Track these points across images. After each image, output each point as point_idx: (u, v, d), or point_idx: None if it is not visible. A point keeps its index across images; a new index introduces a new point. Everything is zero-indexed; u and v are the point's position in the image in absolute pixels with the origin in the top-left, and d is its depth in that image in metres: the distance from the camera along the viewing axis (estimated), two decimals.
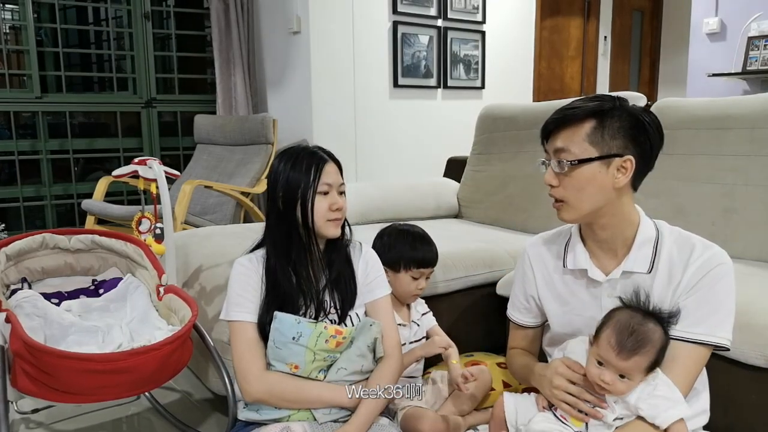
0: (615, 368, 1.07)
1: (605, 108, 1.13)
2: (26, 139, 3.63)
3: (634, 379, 1.07)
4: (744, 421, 1.37)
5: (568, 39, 5.26)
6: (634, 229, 1.19)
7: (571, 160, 1.13)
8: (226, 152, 3.68)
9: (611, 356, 1.06)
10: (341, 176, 1.33)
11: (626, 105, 1.15)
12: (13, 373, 1.33)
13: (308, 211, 1.26)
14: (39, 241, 1.68)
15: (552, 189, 1.18)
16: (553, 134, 1.17)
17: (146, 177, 1.66)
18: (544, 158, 1.20)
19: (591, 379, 1.10)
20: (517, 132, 2.58)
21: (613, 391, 1.08)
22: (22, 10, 3.46)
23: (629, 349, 1.05)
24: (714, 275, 1.12)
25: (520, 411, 1.22)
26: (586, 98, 1.19)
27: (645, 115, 1.14)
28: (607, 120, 1.12)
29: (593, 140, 1.12)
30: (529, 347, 1.42)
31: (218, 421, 1.85)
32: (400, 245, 1.58)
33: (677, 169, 2.01)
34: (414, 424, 1.39)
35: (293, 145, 1.42)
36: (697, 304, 1.12)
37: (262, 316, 1.27)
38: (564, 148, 1.14)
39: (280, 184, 1.28)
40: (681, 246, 1.17)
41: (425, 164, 4.00)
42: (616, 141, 1.12)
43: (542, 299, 1.33)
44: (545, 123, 1.19)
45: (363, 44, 3.82)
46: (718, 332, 1.11)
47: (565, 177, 1.15)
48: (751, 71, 4.14)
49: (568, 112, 1.15)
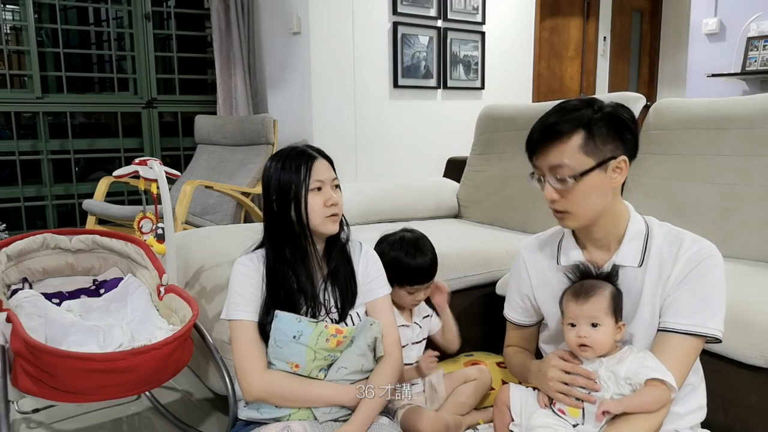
0: (582, 317, 1.14)
1: (589, 116, 1.13)
2: (27, 140, 3.63)
3: (605, 323, 1.13)
4: (744, 421, 1.38)
5: (567, 39, 5.26)
6: (625, 224, 1.21)
7: (572, 175, 1.12)
8: (226, 152, 3.68)
9: (573, 308, 1.16)
10: (334, 171, 1.32)
11: (603, 106, 1.15)
12: (13, 373, 1.33)
13: (303, 211, 1.26)
14: (40, 242, 1.69)
15: (554, 203, 1.18)
16: (542, 151, 1.15)
17: (147, 177, 1.67)
18: (536, 173, 1.19)
19: (570, 343, 1.17)
20: (516, 132, 2.58)
21: (593, 344, 1.13)
22: (23, 10, 3.46)
23: (584, 294, 1.16)
24: (703, 267, 1.13)
25: (524, 404, 1.24)
26: (562, 109, 1.16)
27: (622, 111, 1.16)
28: (594, 127, 1.12)
29: (587, 150, 1.12)
30: (525, 345, 1.44)
31: (219, 420, 1.86)
32: (396, 264, 1.52)
33: (677, 169, 2.01)
34: (413, 423, 1.39)
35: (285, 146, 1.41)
36: (687, 296, 1.13)
37: (263, 316, 1.27)
38: (560, 164, 1.13)
39: (272, 187, 1.28)
40: (671, 240, 1.18)
41: (425, 164, 4.01)
42: (608, 145, 1.13)
43: (538, 298, 1.34)
44: (530, 140, 1.18)
45: (363, 45, 3.82)
46: (708, 323, 1.12)
47: (567, 190, 1.14)
48: (751, 71, 4.14)
49: (554, 128, 1.13)
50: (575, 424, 1.15)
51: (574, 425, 1.15)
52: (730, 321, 1.20)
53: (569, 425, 1.15)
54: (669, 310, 1.14)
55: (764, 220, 1.80)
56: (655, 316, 1.17)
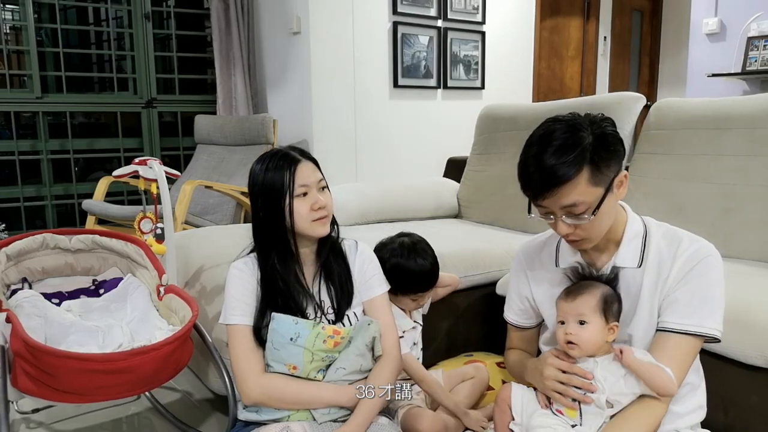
0: (570, 315, 1.15)
1: (589, 148, 1.08)
2: (27, 140, 3.63)
3: (592, 322, 1.14)
4: (744, 421, 1.38)
5: (567, 39, 5.26)
6: (623, 225, 1.21)
7: (589, 210, 1.09)
8: (226, 152, 3.68)
9: (563, 305, 1.17)
10: (320, 172, 1.30)
11: (595, 129, 1.11)
12: (13, 373, 1.33)
13: (289, 217, 1.24)
14: (39, 241, 1.68)
15: (568, 236, 1.14)
16: (548, 195, 1.10)
17: (147, 177, 1.67)
18: (540, 213, 1.15)
19: (559, 340, 1.17)
20: (517, 132, 2.58)
21: (579, 342, 1.13)
22: (23, 10, 3.46)
23: (574, 293, 1.17)
24: (702, 267, 1.13)
25: (525, 403, 1.23)
26: (557, 148, 1.08)
27: (608, 126, 1.13)
28: (595, 156, 1.09)
29: (596, 181, 1.09)
30: (526, 348, 1.43)
31: (218, 420, 1.86)
32: (397, 271, 1.51)
33: (677, 169, 2.01)
34: (413, 423, 1.39)
35: (269, 149, 1.38)
36: (685, 296, 1.13)
37: (257, 320, 1.27)
38: (576, 203, 1.09)
39: (257, 193, 1.27)
40: (669, 240, 1.18)
41: (425, 164, 4.01)
42: (610, 167, 1.11)
43: (537, 300, 1.34)
44: (530, 184, 1.11)
45: (363, 44, 3.82)
46: (707, 323, 1.11)
47: (583, 224, 1.12)
48: (751, 71, 4.14)
49: (558, 173, 1.07)
50: (574, 425, 1.15)
51: (573, 426, 1.15)
52: (730, 321, 1.20)
53: (568, 426, 1.15)
54: (668, 310, 1.14)
55: (764, 220, 1.79)
56: (654, 316, 1.16)
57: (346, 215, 2.44)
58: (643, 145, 2.14)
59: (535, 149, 1.11)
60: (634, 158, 2.16)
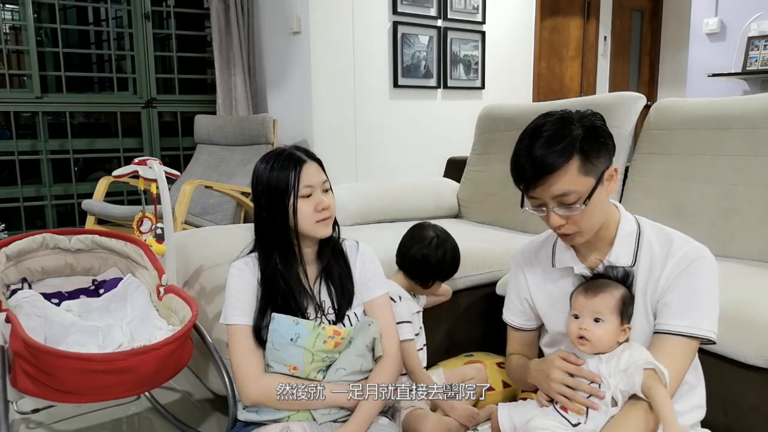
0: (587, 310, 1.15)
1: (579, 137, 1.10)
2: (26, 139, 3.63)
3: (608, 321, 1.14)
4: (744, 421, 1.38)
5: (567, 39, 5.26)
6: (615, 224, 1.21)
7: (581, 200, 1.11)
8: (226, 152, 3.68)
9: (581, 300, 1.17)
10: (324, 173, 1.30)
11: (584, 122, 1.13)
12: (13, 373, 1.33)
13: (292, 217, 1.24)
14: (39, 241, 1.68)
15: (560, 228, 1.16)
16: (540, 184, 1.12)
17: (146, 177, 1.67)
18: (532, 205, 1.16)
19: (570, 335, 1.17)
20: (517, 132, 2.54)
21: (592, 339, 1.13)
22: (22, 10, 3.46)
23: (594, 290, 1.17)
24: (693, 269, 1.13)
25: (515, 416, 1.23)
26: (547, 140, 1.11)
27: (596, 119, 1.15)
28: (585, 146, 1.10)
29: (586, 171, 1.11)
30: (526, 352, 1.42)
31: (218, 421, 1.85)
32: (432, 271, 1.61)
33: (677, 169, 2.01)
34: (416, 425, 1.39)
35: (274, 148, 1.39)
36: (678, 298, 1.13)
37: (257, 320, 1.27)
38: (567, 191, 1.10)
39: (261, 192, 1.27)
40: (661, 240, 1.19)
41: (425, 164, 4.00)
42: (600, 158, 1.13)
43: (535, 301, 1.34)
44: (521, 174, 1.13)
45: (363, 44, 3.82)
46: (701, 324, 1.12)
47: (575, 214, 1.13)
48: (751, 71, 4.14)
49: (548, 161, 1.09)
50: (576, 423, 1.14)
51: (575, 424, 1.14)
52: (730, 321, 1.20)
53: (569, 425, 1.15)
54: (663, 313, 1.15)
55: (764, 220, 1.79)
56: (648, 315, 1.17)
57: (346, 215, 2.43)
58: (643, 145, 2.14)
59: (526, 142, 1.14)
60: (634, 158, 2.16)
